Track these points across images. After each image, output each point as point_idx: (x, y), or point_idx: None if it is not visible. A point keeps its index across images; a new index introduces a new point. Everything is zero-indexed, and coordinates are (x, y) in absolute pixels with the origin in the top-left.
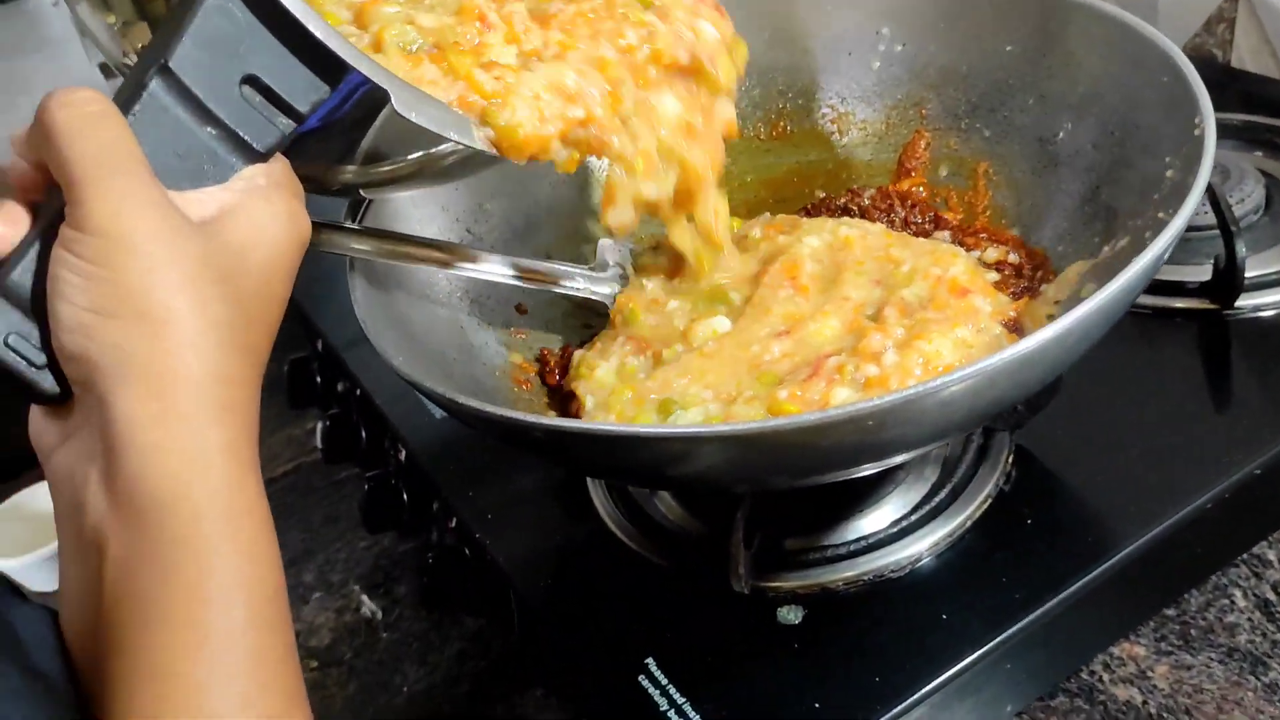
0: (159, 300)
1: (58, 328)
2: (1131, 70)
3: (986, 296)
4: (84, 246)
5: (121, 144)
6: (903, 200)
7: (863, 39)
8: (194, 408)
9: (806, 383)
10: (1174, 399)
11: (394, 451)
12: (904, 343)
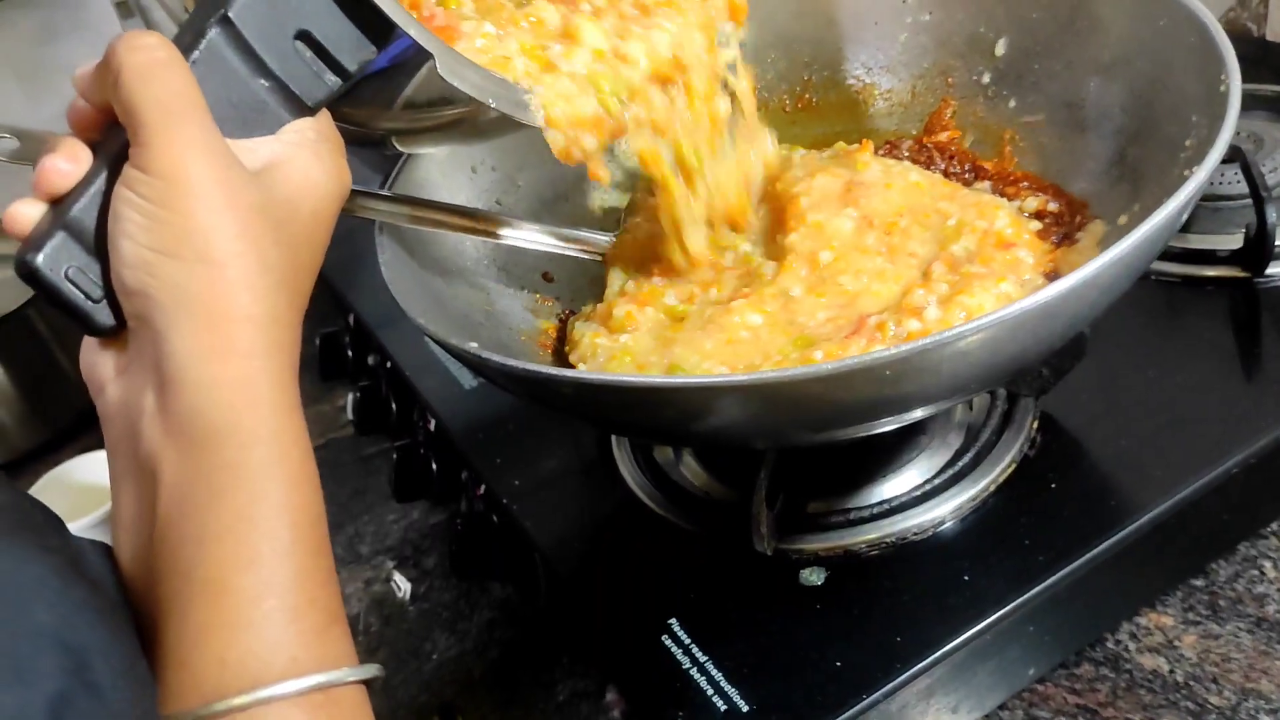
0: (218, 243)
1: (119, 263)
2: (1158, 32)
3: (1029, 249)
4: (148, 188)
5: (187, 90)
6: (941, 151)
7: (889, 9)
8: (248, 344)
9: (846, 340)
10: (1203, 367)
11: (423, 422)
12: (947, 297)
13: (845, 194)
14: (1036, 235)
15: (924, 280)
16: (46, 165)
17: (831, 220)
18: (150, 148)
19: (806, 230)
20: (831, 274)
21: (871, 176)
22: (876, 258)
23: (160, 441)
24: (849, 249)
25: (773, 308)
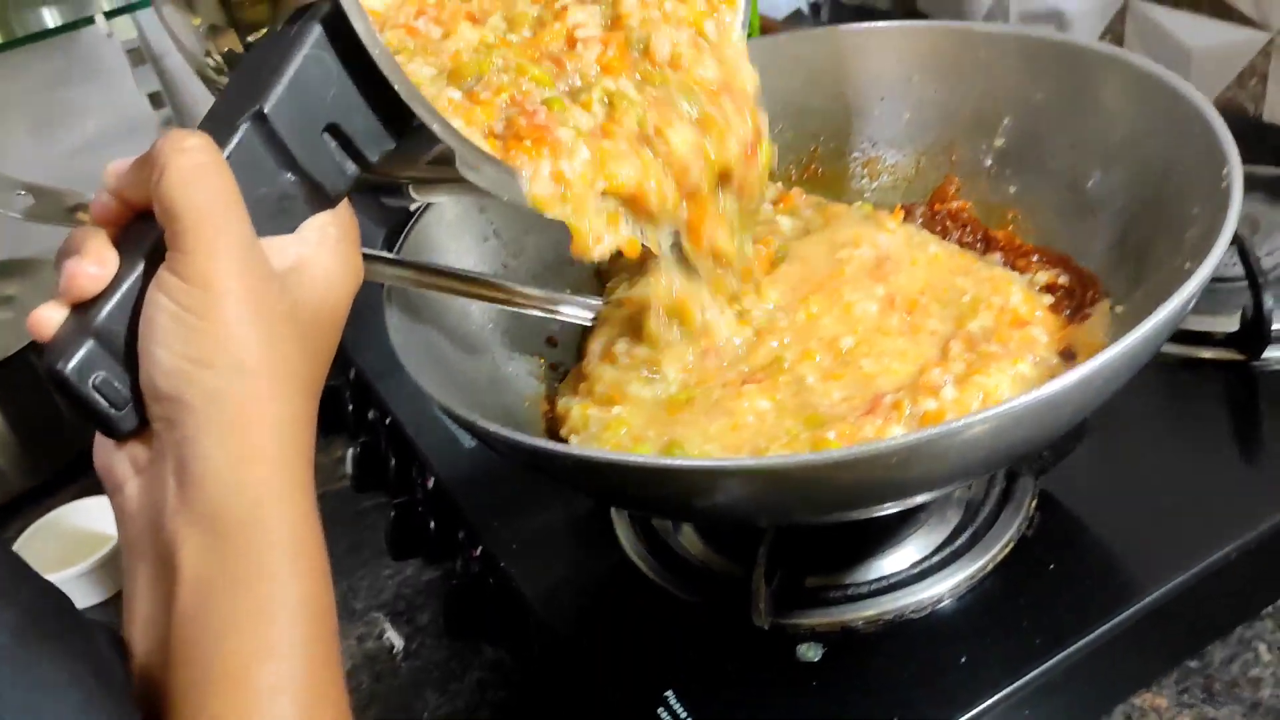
0: (252, 353)
1: (153, 369)
2: (1162, 121)
3: (1043, 327)
4: (186, 296)
5: (230, 196)
6: (954, 219)
7: (896, 84)
8: (275, 449)
9: (861, 420)
10: (1201, 449)
11: (421, 480)
12: (963, 377)
13: (876, 269)
14: (1049, 310)
15: (941, 359)
16: (74, 270)
17: (861, 303)
18: (191, 255)
19: (838, 313)
20: (853, 358)
21: (897, 247)
22: (899, 339)
23: (183, 536)
24: (873, 332)
25: (785, 395)
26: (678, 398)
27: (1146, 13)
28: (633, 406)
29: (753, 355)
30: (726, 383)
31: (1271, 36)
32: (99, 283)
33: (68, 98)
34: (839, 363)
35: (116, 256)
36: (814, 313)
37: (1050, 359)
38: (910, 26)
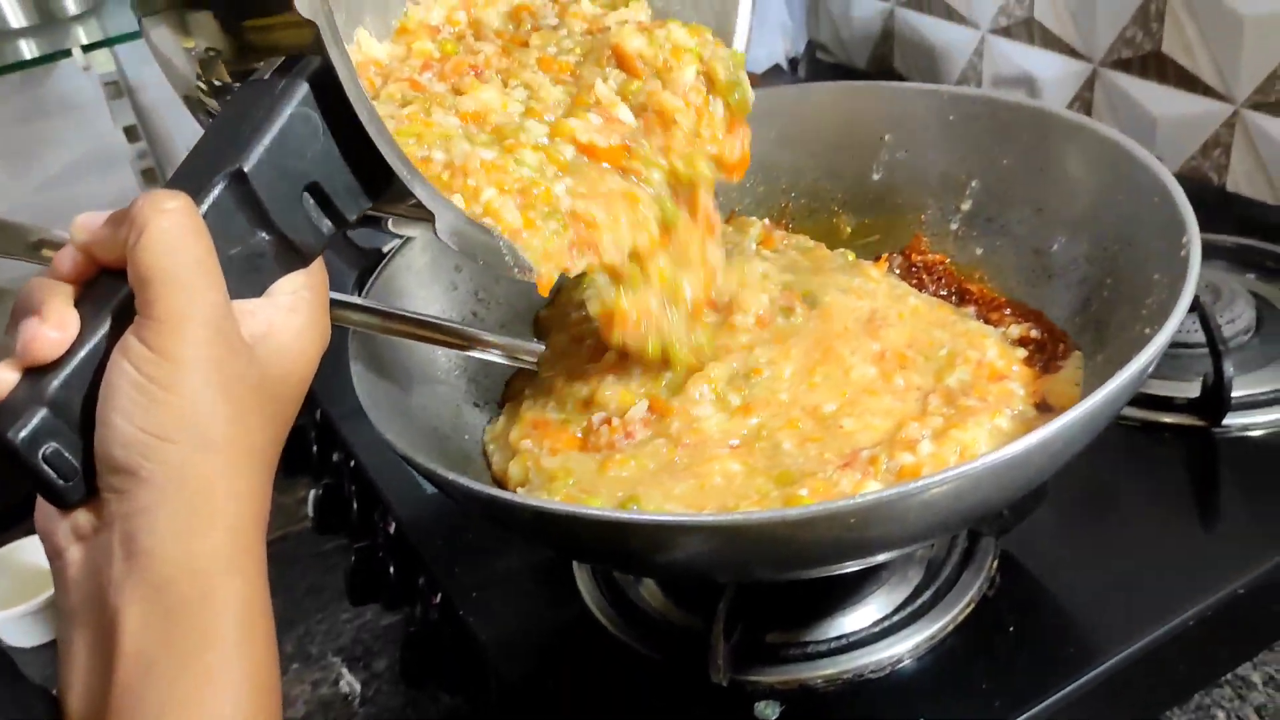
0: (215, 429)
1: (110, 440)
2: (1125, 189)
3: (1019, 381)
4: (152, 366)
5: (208, 263)
6: (929, 271)
7: (866, 143)
8: (229, 523)
9: (837, 473)
10: (1161, 513)
11: (383, 524)
12: (941, 431)
13: (869, 324)
14: (1023, 363)
15: (920, 413)
16: (33, 333)
17: (859, 367)
18: (161, 323)
19: (837, 378)
20: (835, 417)
21: (884, 300)
22: (885, 397)
23: (126, 608)
24: (861, 392)
25: (758, 459)
26: (645, 465)
27: (1115, 81)
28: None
29: (733, 432)
30: (703, 458)
31: (1235, 109)
32: (58, 347)
33: (41, 129)
34: (821, 426)
35: (78, 319)
36: (816, 382)
37: (1028, 412)
38: (883, 87)
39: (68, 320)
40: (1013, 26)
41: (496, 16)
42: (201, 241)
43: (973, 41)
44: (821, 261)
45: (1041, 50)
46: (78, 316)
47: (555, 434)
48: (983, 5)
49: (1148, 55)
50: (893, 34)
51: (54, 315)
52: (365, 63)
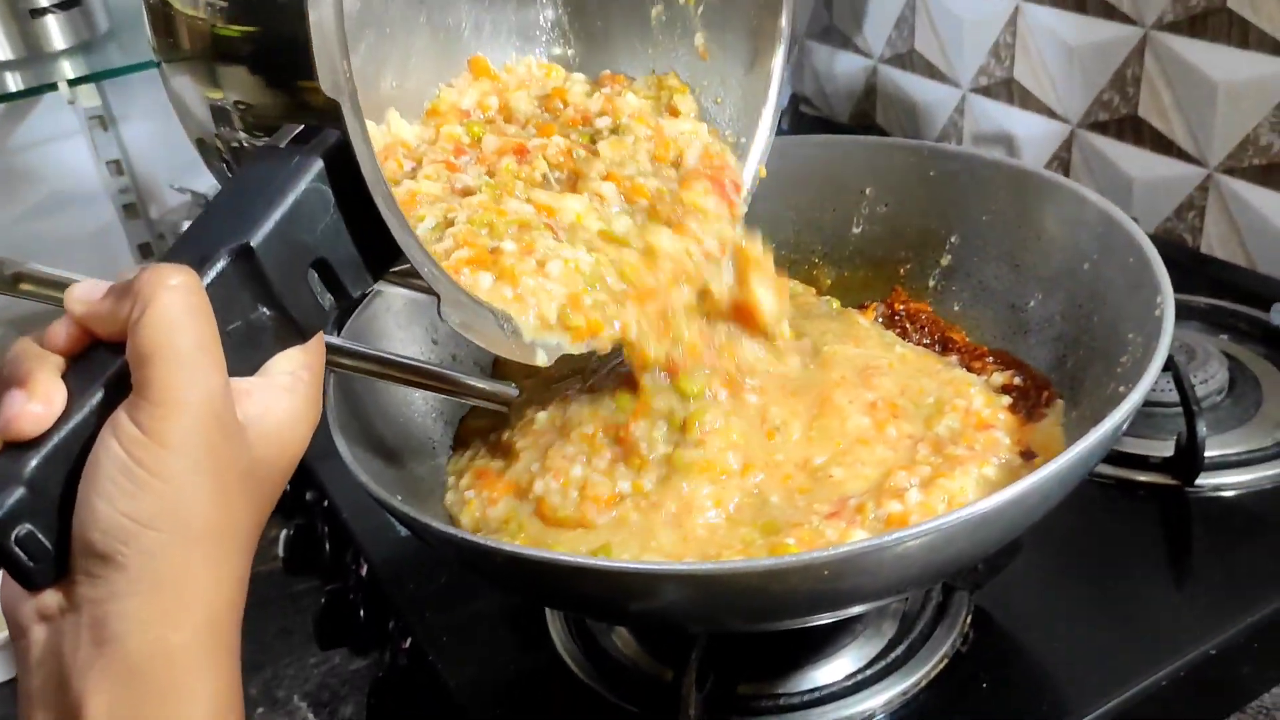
0: (200, 518)
1: (89, 523)
2: (1101, 249)
3: (1004, 429)
4: (142, 450)
5: (210, 344)
6: (913, 320)
7: (848, 197)
8: (205, 613)
9: (824, 522)
10: (1134, 571)
11: (355, 566)
12: (929, 480)
13: (864, 374)
14: (1008, 410)
15: (908, 462)
16: (17, 410)
17: (854, 418)
18: (158, 405)
19: (834, 431)
20: (825, 468)
21: (874, 348)
22: (878, 446)
23: (91, 695)
24: (854, 442)
25: (746, 512)
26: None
27: (1092, 143)
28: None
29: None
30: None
31: (1209, 173)
32: (42, 424)
33: (22, 161)
34: (810, 477)
35: (64, 394)
36: (813, 435)
37: (1013, 460)
38: (865, 141)
39: (54, 396)
40: (993, 86)
41: (527, 100)
42: (205, 321)
43: (954, 99)
44: (808, 308)
45: (1021, 110)
46: (64, 391)
47: (493, 484)
48: (964, 64)
49: (1124, 118)
50: (875, 90)
51: (40, 390)
52: (394, 144)
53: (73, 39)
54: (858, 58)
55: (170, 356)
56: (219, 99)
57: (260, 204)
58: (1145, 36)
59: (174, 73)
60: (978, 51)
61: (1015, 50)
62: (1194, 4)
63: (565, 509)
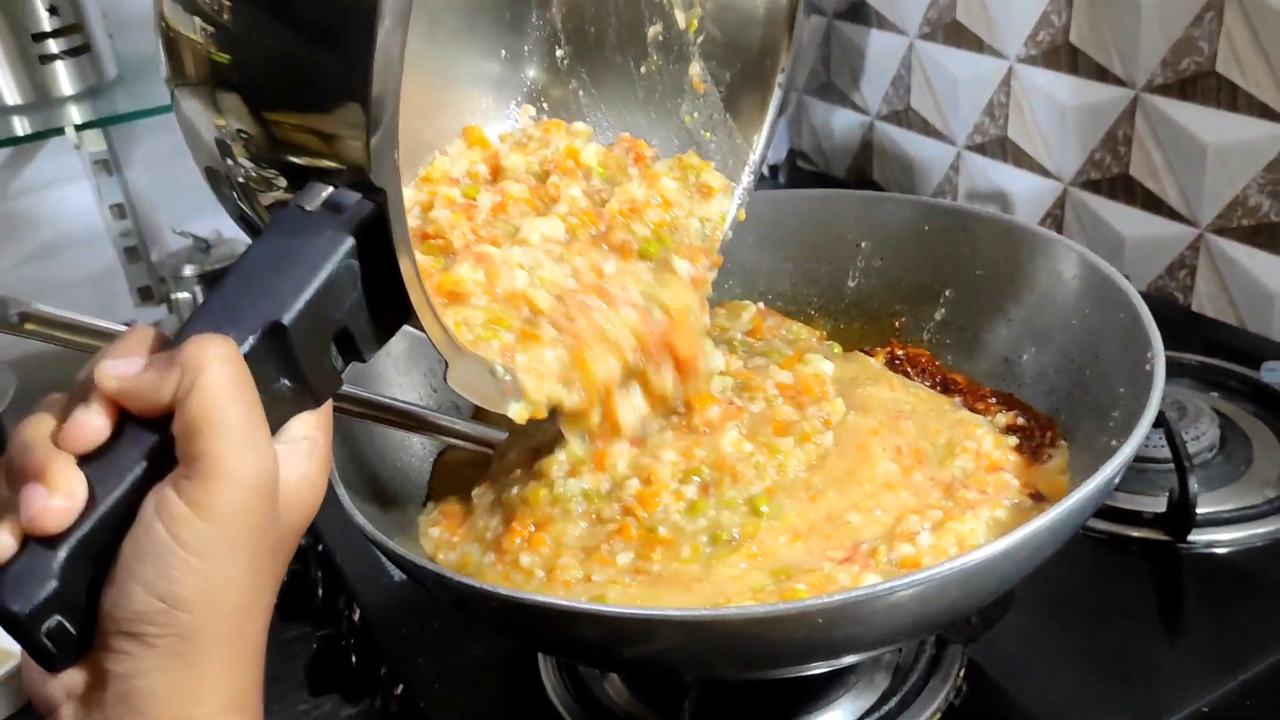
0: (233, 599)
1: (123, 606)
2: (1092, 305)
3: (1013, 471)
4: (189, 531)
5: (259, 418)
6: (913, 364)
7: (843, 251)
8: (232, 684)
9: (837, 567)
10: (1127, 626)
11: (348, 611)
12: (940, 523)
13: (894, 420)
14: (1014, 450)
15: (922, 505)
16: (41, 506)
17: (882, 463)
18: (211, 480)
19: (869, 486)
20: (842, 515)
21: (897, 390)
22: (902, 492)
23: None
24: (879, 489)
25: (755, 563)
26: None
27: (1084, 201)
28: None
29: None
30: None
31: (1200, 233)
32: (67, 517)
33: (25, 204)
34: (830, 524)
35: (85, 485)
36: (846, 489)
37: (1023, 502)
38: (861, 195)
39: (75, 489)
40: (987, 144)
41: (522, 163)
42: (252, 393)
43: (949, 157)
44: (806, 350)
45: (1015, 168)
46: (84, 481)
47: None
48: (959, 122)
49: (1116, 177)
50: (872, 146)
51: (61, 483)
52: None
53: (80, 85)
54: (855, 114)
55: (224, 430)
56: (231, 128)
57: (293, 280)
58: (1136, 98)
59: (184, 97)
60: (972, 110)
61: (1009, 109)
62: (1183, 67)
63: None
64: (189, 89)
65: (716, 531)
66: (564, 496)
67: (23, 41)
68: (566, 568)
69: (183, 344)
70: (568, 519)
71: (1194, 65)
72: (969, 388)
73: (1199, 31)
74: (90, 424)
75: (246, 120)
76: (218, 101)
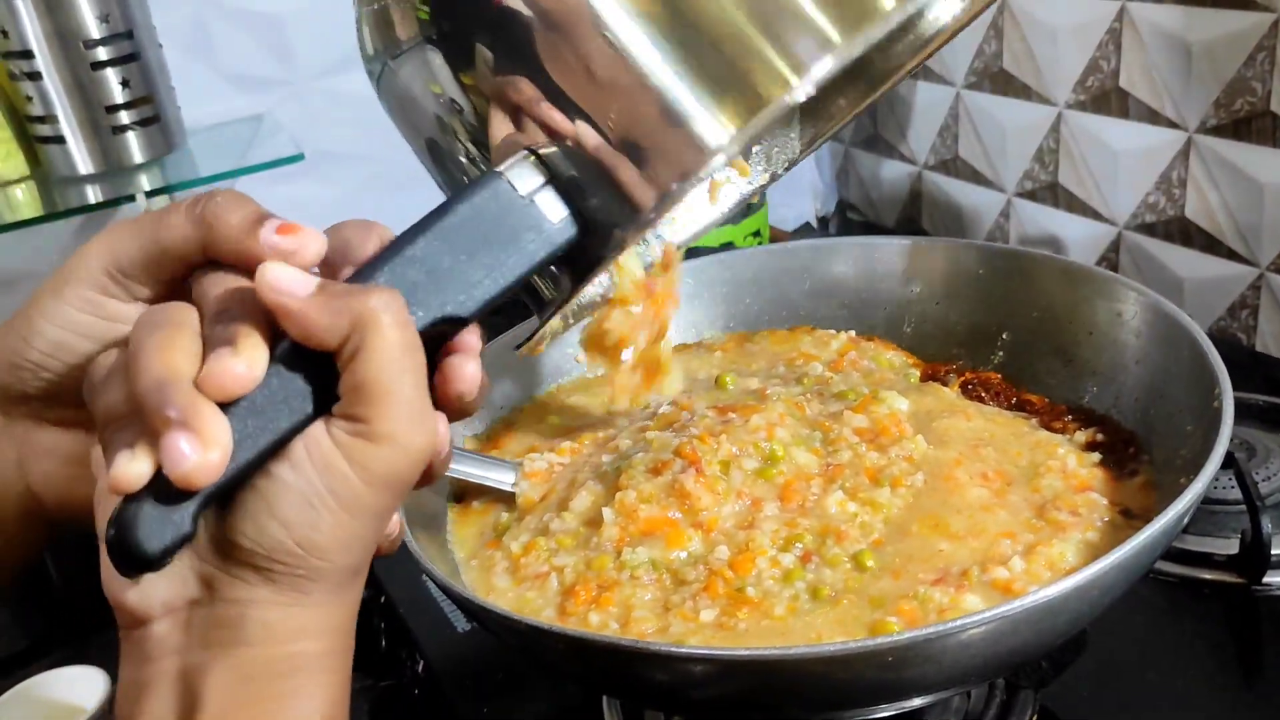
0: (364, 552)
1: (254, 541)
2: (1155, 344)
3: (1100, 491)
4: (347, 488)
5: (425, 387)
6: (986, 386)
7: (897, 296)
8: (338, 626)
9: (934, 586)
10: (1202, 672)
11: (411, 662)
12: (1031, 547)
13: (974, 451)
14: (1099, 467)
15: (1014, 526)
16: (195, 461)
17: (972, 491)
18: (384, 447)
19: (945, 504)
20: (936, 544)
21: (974, 419)
22: (1000, 512)
23: (212, 687)
24: (976, 513)
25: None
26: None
27: (1139, 244)
28: None
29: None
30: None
31: (1260, 272)
32: (218, 471)
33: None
34: (926, 555)
35: (229, 433)
36: (936, 520)
37: (1115, 519)
38: (913, 241)
39: (225, 438)
40: (1038, 190)
41: None
42: (422, 360)
43: (999, 204)
44: (889, 385)
45: (1067, 213)
46: (229, 429)
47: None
48: (1008, 169)
49: (1171, 220)
50: (920, 195)
51: (212, 436)
52: None
53: (150, 154)
54: (902, 164)
55: (398, 399)
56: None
57: (488, 276)
58: (1190, 140)
59: (403, 66)
60: (1021, 157)
61: (1059, 155)
62: (1237, 108)
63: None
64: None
65: (819, 587)
66: (630, 564)
67: (96, 114)
68: (642, 620)
69: (361, 288)
70: (636, 584)
71: (1247, 105)
72: (1045, 407)
73: (1251, 71)
74: (243, 374)
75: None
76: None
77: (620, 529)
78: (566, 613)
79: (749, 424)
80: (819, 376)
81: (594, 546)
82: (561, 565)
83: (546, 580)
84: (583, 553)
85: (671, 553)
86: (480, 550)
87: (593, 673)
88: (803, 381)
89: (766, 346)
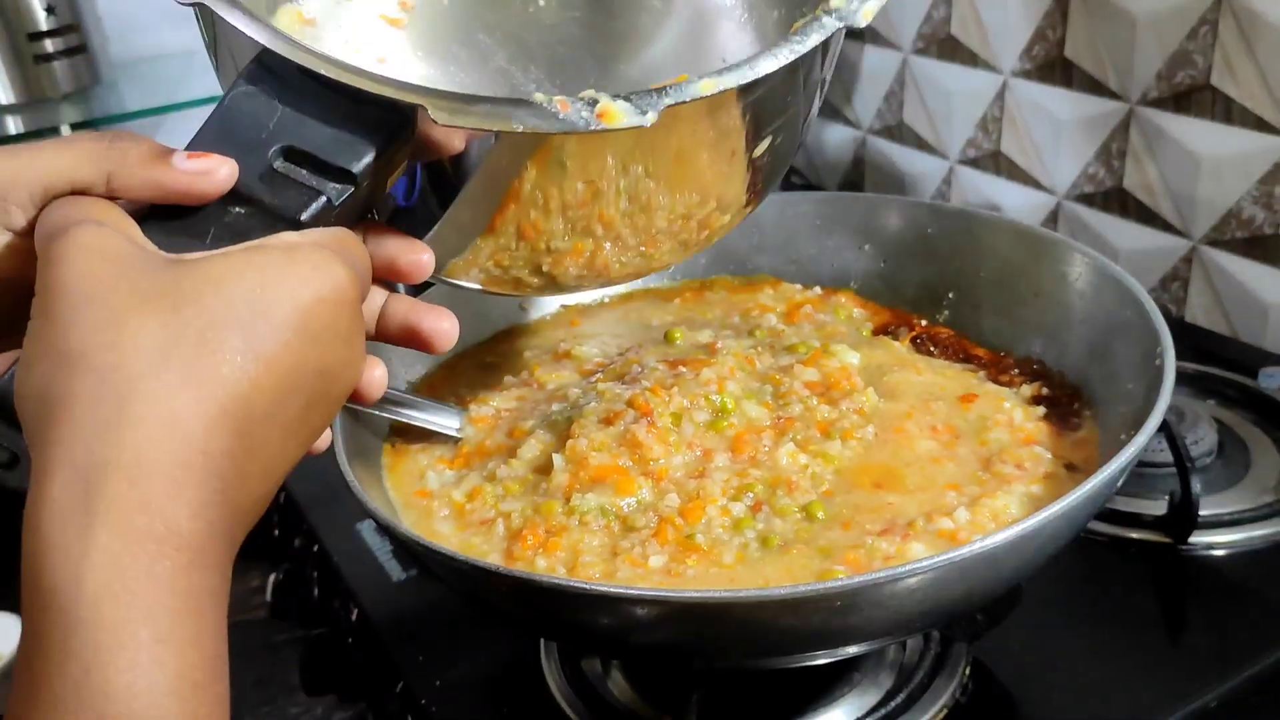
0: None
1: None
2: (1099, 305)
3: (1045, 444)
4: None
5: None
6: (935, 340)
7: (845, 254)
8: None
9: (879, 537)
10: (1129, 628)
11: (345, 611)
12: (976, 499)
13: (925, 405)
14: (1043, 421)
15: (962, 479)
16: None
17: (921, 444)
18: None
19: (897, 457)
20: (885, 495)
21: (925, 373)
22: (948, 465)
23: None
24: (926, 465)
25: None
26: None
27: (1077, 214)
28: None
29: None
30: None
31: (1193, 245)
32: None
33: None
34: (875, 506)
35: None
36: (886, 471)
37: (1059, 473)
38: (864, 198)
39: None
40: (980, 158)
41: None
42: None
43: (942, 170)
44: (840, 338)
45: (1008, 181)
46: None
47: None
48: (952, 136)
49: (1110, 190)
50: (864, 161)
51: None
52: None
53: (74, 85)
54: (847, 129)
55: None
56: None
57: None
58: (1131, 112)
59: None
60: (966, 124)
61: (1003, 124)
62: (1178, 81)
63: None
64: None
65: (768, 537)
66: (579, 509)
67: (18, 41)
68: (589, 565)
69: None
70: (585, 530)
71: (1189, 79)
72: (992, 360)
73: (1194, 45)
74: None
75: None
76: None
77: (570, 476)
78: (513, 557)
79: (699, 377)
80: (772, 329)
81: (543, 493)
82: (508, 510)
83: (493, 525)
84: (531, 498)
85: (621, 500)
86: (413, 498)
87: (539, 616)
88: (755, 334)
89: (725, 296)
